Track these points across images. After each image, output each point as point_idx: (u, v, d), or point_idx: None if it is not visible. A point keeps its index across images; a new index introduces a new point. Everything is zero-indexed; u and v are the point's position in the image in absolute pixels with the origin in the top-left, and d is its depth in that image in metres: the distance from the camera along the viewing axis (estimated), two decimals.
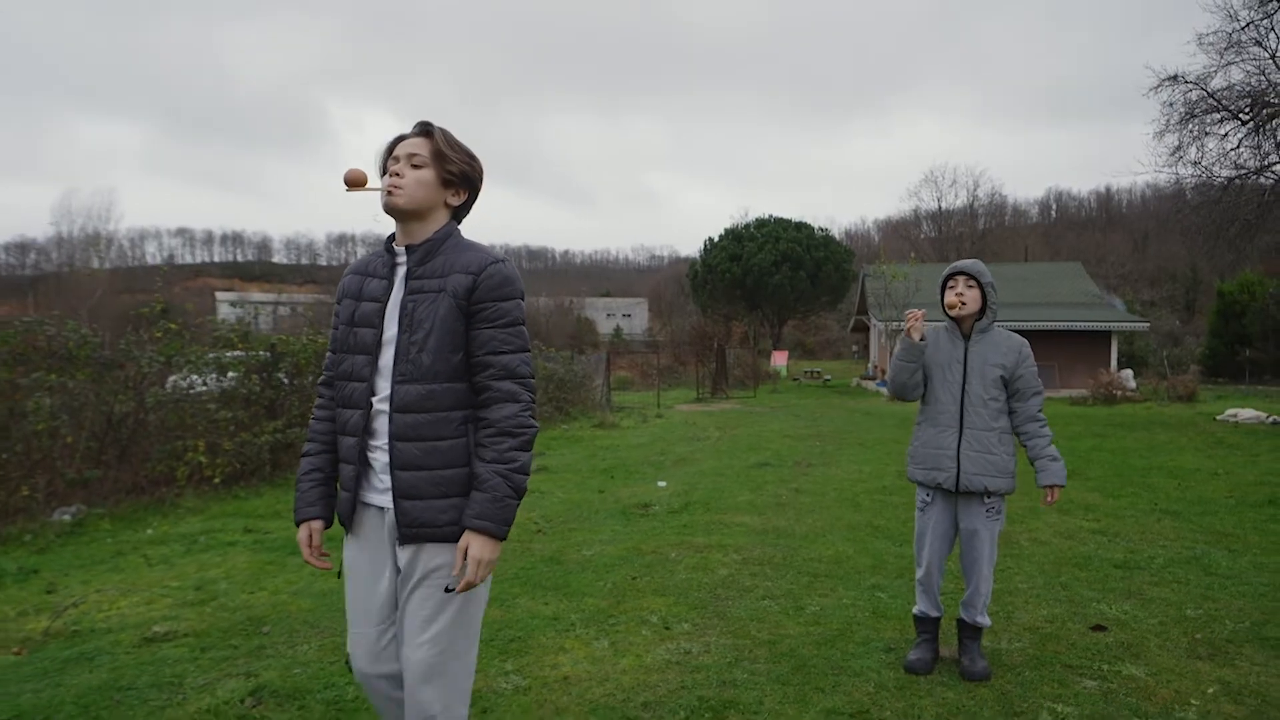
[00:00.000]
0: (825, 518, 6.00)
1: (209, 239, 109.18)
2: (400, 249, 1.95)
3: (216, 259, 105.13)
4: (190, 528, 5.88)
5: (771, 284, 38.95)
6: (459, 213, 2.03)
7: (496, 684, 3.03)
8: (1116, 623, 3.61)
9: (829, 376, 32.15)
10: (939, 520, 3.16)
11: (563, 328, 46.77)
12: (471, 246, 1.95)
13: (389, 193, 1.89)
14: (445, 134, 1.97)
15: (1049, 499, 3.08)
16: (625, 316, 72.52)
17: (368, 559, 1.95)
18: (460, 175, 1.96)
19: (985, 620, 3.13)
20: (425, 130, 1.96)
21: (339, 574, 2.00)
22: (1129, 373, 25.20)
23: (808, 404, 20.09)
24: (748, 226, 41.72)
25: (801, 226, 41.16)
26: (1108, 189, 74.41)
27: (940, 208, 61.22)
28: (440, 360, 1.85)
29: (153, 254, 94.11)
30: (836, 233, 60.42)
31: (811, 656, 3.25)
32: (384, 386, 1.90)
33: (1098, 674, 3.05)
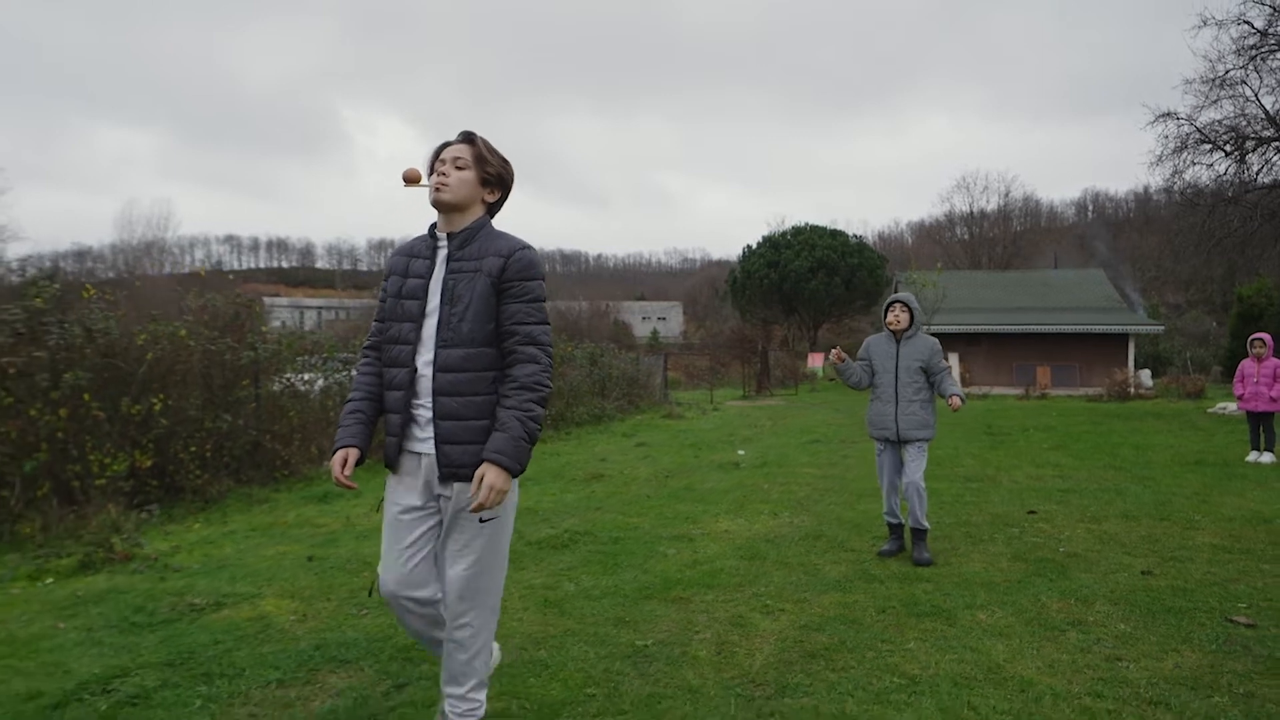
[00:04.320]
0: (866, 470, 8.46)
1: (255, 245, 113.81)
2: (442, 235, 2.31)
3: (262, 265, 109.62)
4: None
5: (808, 289, 41.21)
6: (493, 208, 2.39)
7: (689, 532, 5.55)
8: (1044, 511, 6.07)
9: None
10: (889, 460, 4.84)
11: (600, 331, 49.23)
12: (502, 235, 2.31)
13: (436, 189, 2.26)
14: (485, 141, 2.34)
15: (952, 405, 4.59)
16: (660, 319, 74.65)
17: (406, 497, 2.30)
18: (496, 177, 2.34)
19: (925, 524, 4.65)
20: (469, 138, 2.33)
21: (378, 508, 2.42)
22: (1147, 372, 27.09)
23: (846, 400, 22.42)
24: (784, 234, 44.03)
25: (836, 234, 43.38)
26: (1146, 189, 74.56)
27: (972, 212, 62.50)
28: (477, 329, 2.21)
29: (201, 259, 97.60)
30: (870, 235, 62.12)
31: (860, 523, 5.75)
32: (426, 351, 2.23)
33: (1020, 526, 5.53)
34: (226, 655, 3.27)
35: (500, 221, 2.40)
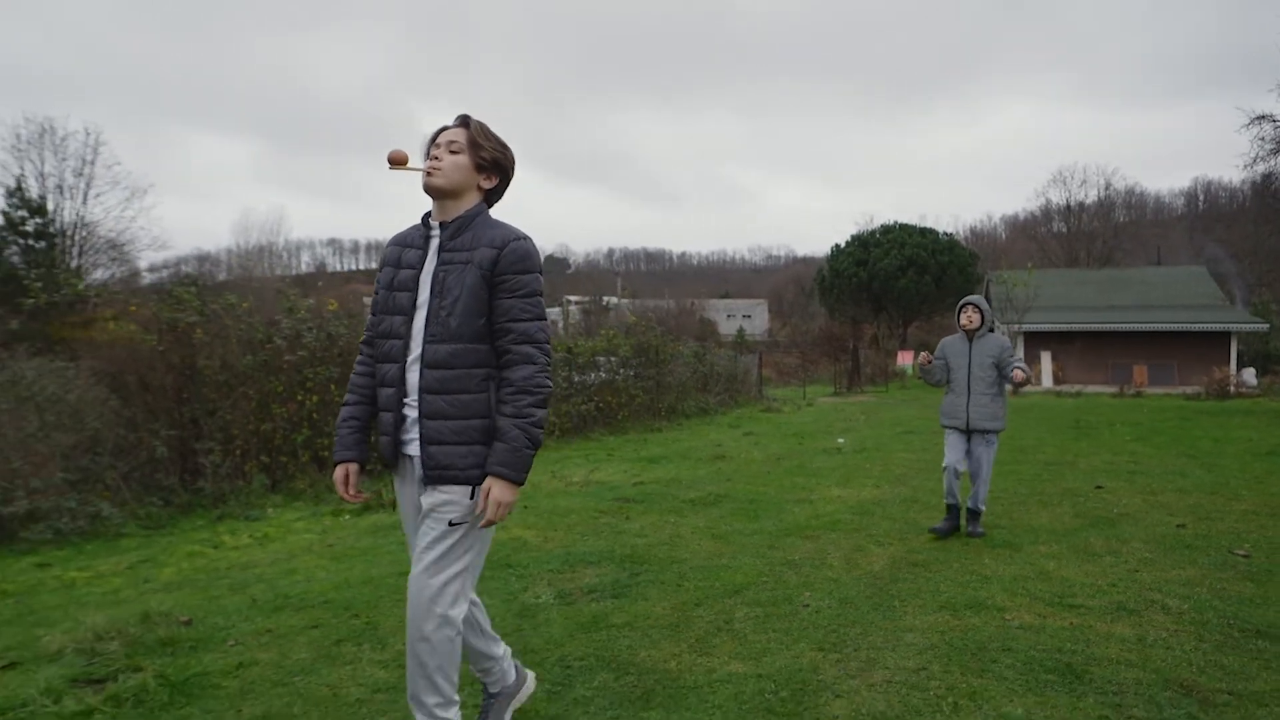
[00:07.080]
0: None
1: (355, 248, 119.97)
2: (435, 224, 2.26)
3: (361, 266, 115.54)
4: (575, 451, 10.16)
5: (897, 288, 41.60)
6: (491, 196, 2.33)
7: (808, 497, 6.94)
8: (1110, 487, 7.19)
9: None
10: (956, 448, 5.32)
11: (687, 329, 50.57)
12: (498, 225, 2.24)
13: (428, 173, 2.22)
14: (481, 126, 2.29)
15: (1015, 378, 4.96)
16: (745, 317, 75.14)
17: (408, 496, 2.31)
18: (492, 161, 2.28)
19: (982, 506, 5.33)
20: (464, 122, 2.29)
21: (394, 504, 2.73)
22: (1251, 371, 26.73)
23: (935, 398, 23.17)
24: (873, 233, 44.51)
25: (926, 232, 43.55)
26: (1264, 176, 70.67)
27: (1069, 205, 60.61)
28: (466, 324, 2.15)
29: (307, 263, 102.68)
30: (961, 230, 61.23)
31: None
32: (416, 346, 2.20)
33: (1085, 497, 6.71)
34: (510, 557, 4.88)
35: (583, 224, 2.80)
